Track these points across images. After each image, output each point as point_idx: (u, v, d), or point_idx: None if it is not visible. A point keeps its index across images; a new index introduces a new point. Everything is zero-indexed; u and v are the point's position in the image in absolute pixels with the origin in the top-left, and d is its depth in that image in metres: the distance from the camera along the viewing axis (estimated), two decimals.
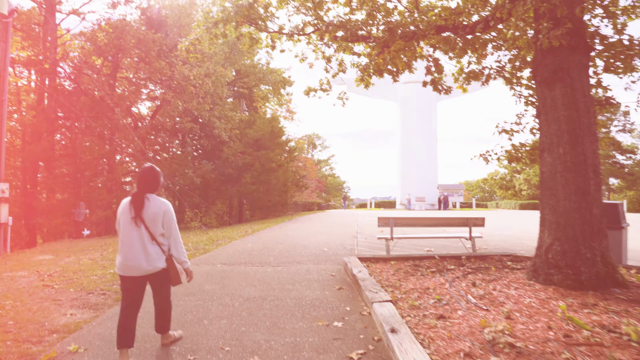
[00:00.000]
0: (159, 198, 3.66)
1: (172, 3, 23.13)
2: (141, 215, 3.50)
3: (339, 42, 10.83)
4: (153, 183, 3.64)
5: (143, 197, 3.54)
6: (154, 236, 3.53)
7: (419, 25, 8.12)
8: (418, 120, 50.43)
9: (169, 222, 3.62)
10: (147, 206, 3.53)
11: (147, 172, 3.62)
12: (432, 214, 24.04)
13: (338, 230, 15.92)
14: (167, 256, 3.62)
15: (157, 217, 3.53)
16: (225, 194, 27.28)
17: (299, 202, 44.62)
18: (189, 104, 20.94)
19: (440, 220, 8.97)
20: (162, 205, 3.60)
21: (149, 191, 3.60)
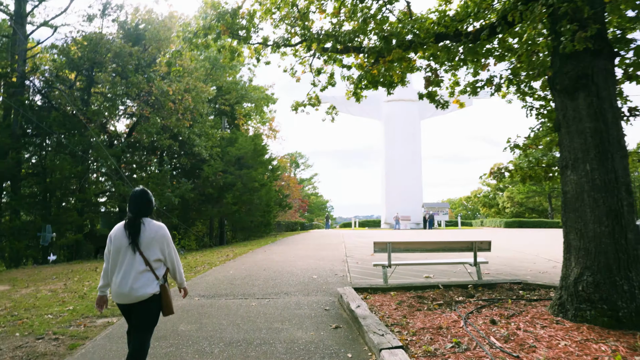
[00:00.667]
0: (154, 222, 3.54)
1: (151, 17, 22.35)
2: (137, 241, 3.37)
3: (328, 53, 10.17)
4: (147, 206, 3.55)
5: (138, 222, 3.41)
6: (148, 262, 3.39)
7: (417, 33, 7.50)
8: (402, 138, 50.27)
9: (169, 247, 3.52)
10: (143, 231, 3.40)
11: (141, 195, 3.54)
12: (432, 237, 23.34)
13: (326, 253, 15.02)
14: (161, 283, 3.46)
15: (154, 242, 3.42)
16: (206, 215, 26.16)
17: (282, 223, 43.56)
18: (167, 120, 19.98)
19: (442, 245, 8.20)
20: (159, 229, 3.49)
21: (143, 215, 3.49)
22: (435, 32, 7.75)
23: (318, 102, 13.92)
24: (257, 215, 27.85)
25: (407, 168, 50.02)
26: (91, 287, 9.12)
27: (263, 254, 15.45)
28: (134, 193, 3.55)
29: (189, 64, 23.15)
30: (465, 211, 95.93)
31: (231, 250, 18.47)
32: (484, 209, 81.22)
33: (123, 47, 19.11)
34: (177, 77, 21.39)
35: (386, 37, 8.09)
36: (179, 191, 19.51)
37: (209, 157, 22.75)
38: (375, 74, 8.54)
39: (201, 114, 23.03)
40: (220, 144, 24.10)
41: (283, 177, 49.73)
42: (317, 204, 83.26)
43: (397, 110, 51.41)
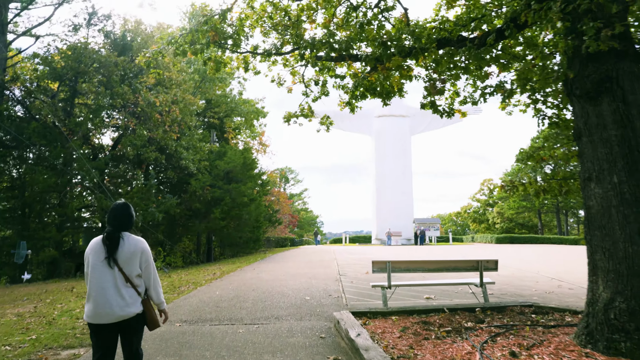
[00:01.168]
0: (134, 236, 3.44)
1: (139, 28, 21.84)
2: (114, 256, 3.27)
3: (322, 62, 9.68)
4: (128, 220, 3.47)
5: (117, 236, 3.33)
6: (129, 278, 3.28)
7: (418, 38, 7.03)
8: (393, 153, 50.06)
9: (147, 262, 3.42)
10: (121, 245, 3.31)
11: (122, 208, 3.47)
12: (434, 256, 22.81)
13: (318, 271, 14.34)
14: (143, 299, 3.37)
15: (133, 257, 3.32)
16: (193, 231, 25.30)
17: (272, 238, 42.70)
18: (154, 133, 19.30)
19: (445, 264, 7.62)
20: (138, 243, 3.40)
21: (123, 229, 3.41)
22: (437, 38, 7.30)
23: (311, 113, 13.39)
24: (246, 231, 27.05)
25: (398, 183, 49.70)
26: (63, 310, 8.34)
27: (252, 272, 14.72)
28: (115, 206, 3.47)
29: (177, 75, 22.65)
30: (454, 227, 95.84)
31: (218, 268, 17.69)
32: (473, 225, 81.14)
33: (109, 57, 18.50)
34: (164, 89, 20.81)
35: (385, 43, 7.61)
36: (163, 206, 18.73)
37: (197, 171, 22.03)
38: (373, 81, 8.04)
39: (189, 126, 22.40)
40: (208, 158, 23.42)
41: (273, 192, 49.03)
42: (307, 219, 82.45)
43: (387, 125, 51.32)
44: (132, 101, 19.02)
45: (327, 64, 11.23)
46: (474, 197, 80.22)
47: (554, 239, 47.76)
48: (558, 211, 60.06)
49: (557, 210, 59.81)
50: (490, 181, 76.24)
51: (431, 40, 7.18)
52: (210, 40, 8.79)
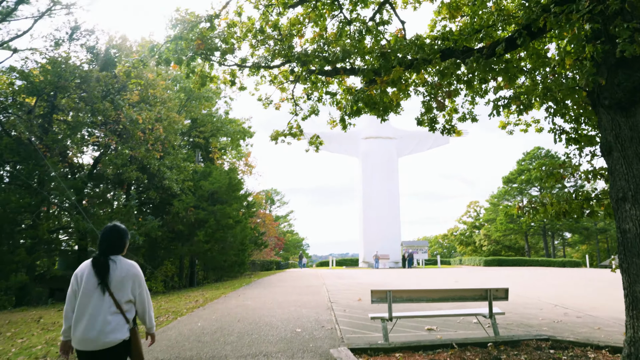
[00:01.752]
0: (126, 260, 3.34)
1: (123, 44, 21.24)
2: (106, 281, 3.16)
3: (314, 76, 9.16)
4: (118, 244, 3.36)
5: (106, 261, 3.22)
6: (119, 304, 3.17)
7: (422, 48, 6.54)
8: (380, 175, 49.73)
9: (140, 288, 3.32)
10: (112, 270, 3.21)
11: (111, 231, 3.37)
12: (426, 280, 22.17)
13: (307, 298, 13.53)
14: (131, 327, 3.22)
15: (125, 282, 3.22)
16: (175, 254, 24.23)
17: (257, 262, 41.57)
18: (136, 151, 18.49)
19: (450, 293, 6.96)
20: (130, 268, 3.30)
21: (113, 252, 3.31)
22: (441, 49, 6.83)
23: (300, 132, 12.81)
24: (231, 254, 26.06)
25: (385, 206, 49.22)
26: (22, 346, 7.40)
27: (237, 299, 13.83)
28: (104, 229, 3.38)
29: (162, 93, 22.00)
30: (441, 249, 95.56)
31: (201, 294, 16.72)
32: (460, 247, 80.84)
33: (90, 72, 17.80)
34: (148, 106, 20.12)
35: (384, 54, 7.11)
36: (144, 228, 17.78)
37: (180, 192, 21.17)
38: (372, 95, 7.51)
39: (173, 145, 21.64)
40: (193, 178, 22.61)
41: (259, 214, 48.10)
42: (293, 241, 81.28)
43: (375, 147, 51.15)
44: (113, 118, 18.25)
45: (319, 79, 10.75)
46: (460, 220, 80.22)
47: (542, 261, 47.57)
48: (545, 233, 60.16)
49: (544, 232, 59.91)
50: (477, 203, 76.44)
51: (434, 51, 6.70)
52: (196, 50, 8.19)
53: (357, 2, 10.17)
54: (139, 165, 19.52)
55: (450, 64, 6.43)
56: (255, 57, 9.58)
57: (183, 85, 28.19)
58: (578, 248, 70.35)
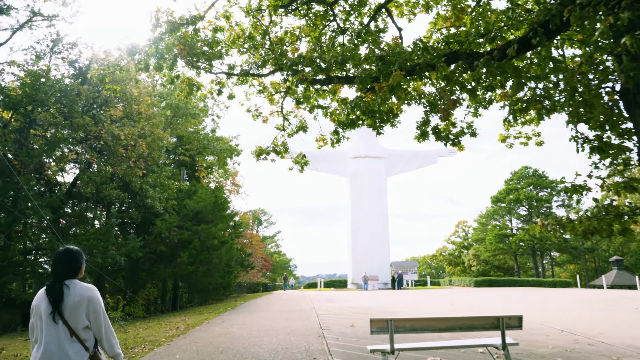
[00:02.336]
0: (82, 284, 3.14)
1: (107, 58, 20.58)
2: (59, 308, 2.97)
3: (306, 84, 8.59)
4: (72, 267, 3.17)
5: (61, 286, 3.03)
6: (74, 331, 2.98)
7: (426, 49, 6.02)
8: (369, 195, 49.16)
9: (96, 312, 3.09)
10: (66, 296, 3.01)
11: (63, 255, 3.18)
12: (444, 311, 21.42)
13: (296, 324, 12.68)
14: (91, 354, 3.05)
15: (79, 307, 3.02)
16: (158, 276, 23.12)
17: (244, 284, 40.36)
18: (117, 168, 17.65)
19: (458, 322, 6.27)
20: (85, 292, 3.08)
21: (67, 277, 3.11)
22: (445, 52, 6.31)
23: (285, 150, 12.14)
24: (216, 276, 25.03)
25: (374, 226, 48.51)
26: None
27: (221, 325, 12.91)
28: (57, 253, 3.22)
29: (146, 109, 21.30)
30: (429, 270, 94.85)
31: (183, 319, 15.72)
32: (449, 267, 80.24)
33: (72, 86, 17.07)
34: (131, 122, 19.39)
35: (383, 58, 6.57)
36: (125, 249, 16.80)
37: (164, 211, 20.27)
38: (370, 102, 6.93)
39: (157, 162, 20.83)
40: (177, 196, 21.74)
41: (246, 235, 47.04)
42: (280, 262, 79.93)
43: (363, 166, 50.72)
44: (94, 134, 17.45)
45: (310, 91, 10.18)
46: (449, 240, 79.86)
47: (532, 281, 47.15)
48: (534, 253, 59.94)
49: (533, 251, 59.69)
50: (465, 223, 76.28)
51: (439, 55, 6.18)
52: (178, 55, 7.57)
53: (350, 12, 9.75)
54: (120, 183, 18.64)
55: (457, 67, 5.90)
56: (245, 64, 9.00)
57: (169, 102, 27.55)
58: (566, 267, 70.34)
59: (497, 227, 61.32)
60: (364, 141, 50.49)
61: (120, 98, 19.86)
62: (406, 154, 53.77)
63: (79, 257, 3.26)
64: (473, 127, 8.66)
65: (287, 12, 9.60)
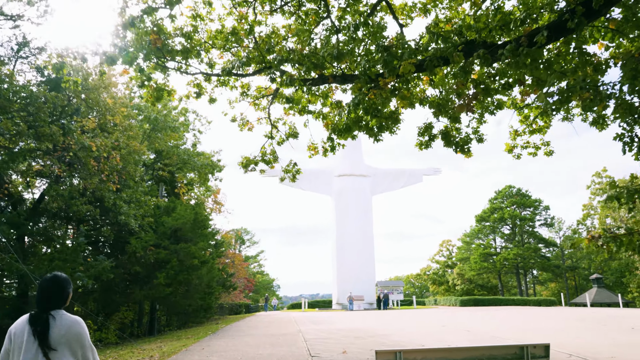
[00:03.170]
0: (68, 316, 2.99)
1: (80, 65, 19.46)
2: (46, 342, 2.82)
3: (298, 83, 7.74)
4: (59, 296, 3.01)
5: (47, 317, 2.88)
6: None
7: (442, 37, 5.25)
8: (354, 213, 48.31)
9: (83, 347, 2.96)
10: (52, 327, 2.87)
11: (51, 283, 3.03)
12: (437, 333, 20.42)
13: (282, 350, 11.57)
14: None
15: (65, 342, 2.87)
16: (133, 299, 21.61)
17: (225, 305, 38.72)
18: (87, 182, 16.42)
19: (477, 352, 5.36)
20: (72, 325, 2.94)
21: (53, 307, 2.96)
22: (461, 42, 5.54)
23: (275, 159, 11.23)
24: (196, 298, 23.63)
25: (359, 245, 47.53)
26: None
27: (200, 353, 11.70)
28: (43, 280, 3.05)
29: (122, 120, 20.16)
30: (413, 289, 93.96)
31: (159, 346, 14.41)
32: (433, 287, 79.45)
33: (38, 92, 15.91)
34: (104, 134, 18.23)
35: (389, 49, 5.76)
36: (94, 270, 15.45)
37: (139, 229, 18.96)
38: (374, 99, 6.09)
39: (133, 177, 19.61)
40: (154, 213, 20.47)
41: (228, 254, 45.50)
42: (263, 282, 78.01)
43: (348, 185, 49.98)
44: (62, 144, 16.23)
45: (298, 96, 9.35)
46: (433, 259, 79.30)
47: (517, 300, 46.67)
48: (518, 271, 59.71)
49: (517, 270, 59.46)
50: (449, 242, 75.97)
51: (454, 45, 5.40)
52: (151, 47, 6.63)
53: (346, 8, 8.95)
54: (92, 199, 17.36)
55: (478, 57, 5.12)
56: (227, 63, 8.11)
57: (147, 115, 26.40)
58: (547, 286, 70.36)
59: (482, 246, 61.06)
60: (349, 159, 50.00)
61: (92, 107, 18.71)
62: (391, 172, 53.40)
63: (67, 285, 3.10)
64: (480, 133, 7.94)
65: (271, 12, 8.81)
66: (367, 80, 6.05)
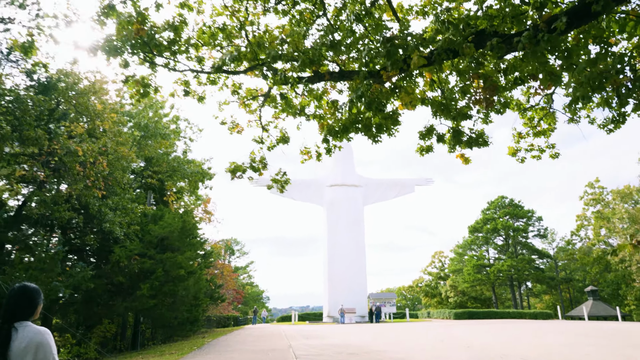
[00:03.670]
0: (33, 327, 2.88)
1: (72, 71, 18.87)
2: (6, 354, 2.77)
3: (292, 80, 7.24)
4: (25, 307, 2.92)
5: (9, 329, 2.80)
6: None
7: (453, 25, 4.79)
8: (345, 224, 47.72)
9: (45, 359, 2.82)
10: (13, 340, 2.77)
11: (19, 294, 2.95)
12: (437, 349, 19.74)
13: None
14: None
15: (26, 354, 2.75)
16: (115, 311, 20.75)
17: (213, 317, 37.74)
18: (72, 187, 15.74)
19: None
20: (35, 336, 2.82)
21: (19, 318, 2.86)
22: (470, 32, 5.09)
23: (263, 166, 10.66)
24: (183, 310, 22.79)
25: (351, 256, 46.85)
26: None
27: None
28: (11, 290, 2.97)
29: (111, 126, 19.55)
30: (404, 301, 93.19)
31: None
32: (425, 299, 78.79)
33: (25, 96, 15.29)
34: (92, 139, 17.61)
35: (392, 40, 5.29)
36: (73, 280, 14.69)
37: (124, 237, 18.23)
38: (377, 93, 5.60)
39: (120, 184, 18.93)
40: (141, 221, 19.75)
41: (216, 265, 44.58)
42: (253, 294, 76.81)
43: (340, 195, 49.46)
44: (47, 149, 15.58)
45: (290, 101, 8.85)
46: (425, 270, 78.74)
47: (513, 313, 46.12)
48: (512, 283, 59.29)
49: (511, 282, 59.04)
50: (442, 254, 75.54)
51: (463, 35, 4.95)
52: (133, 37, 6.11)
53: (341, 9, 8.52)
54: (76, 205, 16.64)
55: (491, 47, 4.65)
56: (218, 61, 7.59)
57: (138, 121, 25.80)
58: (541, 298, 70.00)
59: (475, 258, 60.66)
60: (341, 169, 49.61)
61: (81, 112, 18.10)
62: (384, 182, 53.03)
63: (36, 296, 3.01)
64: (485, 136, 7.49)
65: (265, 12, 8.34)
66: (367, 75, 5.56)
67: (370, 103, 5.48)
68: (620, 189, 42.93)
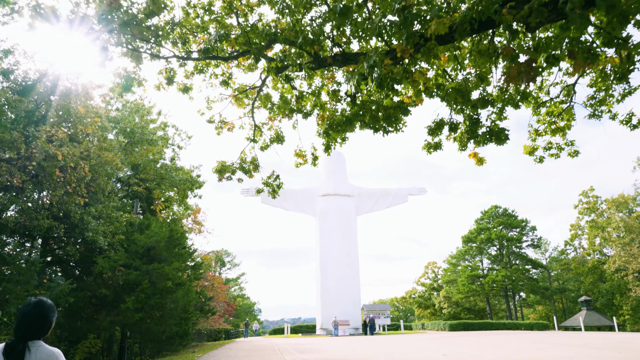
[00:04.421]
0: (46, 347, 2.76)
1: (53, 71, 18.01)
2: None
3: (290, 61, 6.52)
4: (40, 325, 2.78)
5: (22, 349, 2.66)
6: None
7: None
8: (339, 234, 46.90)
9: None
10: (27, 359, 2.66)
11: (34, 310, 2.79)
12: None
13: None
14: None
15: None
16: (99, 326, 19.62)
17: (203, 331, 36.49)
18: (52, 194, 14.80)
19: None
20: (48, 358, 2.71)
21: (32, 337, 2.74)
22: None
23: (255, 168, 9.85)
24: (171, 324, 21.69)
25: (344, 267, 45.97)
26: None
27: None
28: (25, 305, 2.82)
29: (95, 131, 18.66)
30: (397, 312, 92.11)
31: None
32: (419, 310, 77.83)
33: (1, 95, 14.41)
34: (73, 143, 16.69)
35: (406, 8, 4.58)
36: (51, 293, 13.68)
37: (108, 247, 17.24)
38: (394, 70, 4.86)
39: (104, 190, 17.98)
40: (126, 230, 18.77)
41: (207, 277, 43.38)
42: (244, 306, 75.31)
43: (333, 205, 48.73)
44: (25, 153, 14.66)
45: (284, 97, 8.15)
46: (418, 281, 77.92)
47: (508, 324, 45.40)
48: (506, 294, 58.64)
49: (506, 293, 58.40)
50: (435, 264, 74.85)
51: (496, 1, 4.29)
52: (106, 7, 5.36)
53: None
54: (56, 213, 15.67)
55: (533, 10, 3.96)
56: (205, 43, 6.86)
57: (123, 127, 24.90)
58: (535, 308, 69.46)
59: (469, 268, 60.01)
60: (334, 179, 48.96)
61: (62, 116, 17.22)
62: (377, 192, 52.37)
63: (51, 314, 2.92)
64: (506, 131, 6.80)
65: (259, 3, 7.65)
66: (378, 50, 4.84)
67: (383, 80, 4.74)
68: (615, 198, 42.71)
